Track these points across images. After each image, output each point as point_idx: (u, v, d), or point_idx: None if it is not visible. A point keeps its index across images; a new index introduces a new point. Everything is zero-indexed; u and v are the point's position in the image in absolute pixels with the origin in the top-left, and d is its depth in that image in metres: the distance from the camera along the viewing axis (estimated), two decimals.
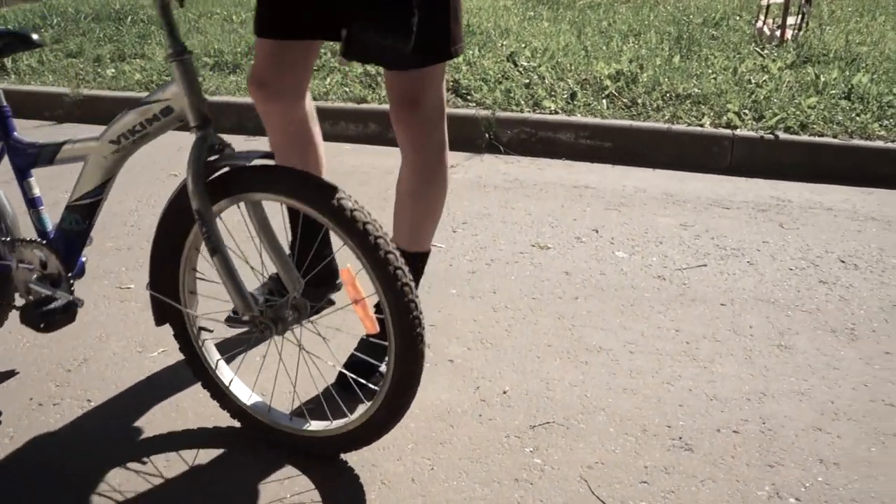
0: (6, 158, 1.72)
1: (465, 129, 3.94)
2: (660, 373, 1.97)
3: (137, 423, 1.80)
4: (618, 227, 2.92)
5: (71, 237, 1.67)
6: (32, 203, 1.71)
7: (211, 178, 1.47)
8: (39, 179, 1.75)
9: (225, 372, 1.73)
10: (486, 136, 3.90)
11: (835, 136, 3.68)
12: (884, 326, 2.21)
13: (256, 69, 1.81)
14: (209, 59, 4.99)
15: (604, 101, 4.11)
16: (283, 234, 1.77)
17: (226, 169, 1.48)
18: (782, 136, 3.69)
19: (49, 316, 1.65)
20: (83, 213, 1.64)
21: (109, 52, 5.42)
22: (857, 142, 3.64)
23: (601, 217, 3.01)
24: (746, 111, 3.92)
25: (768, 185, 3.45)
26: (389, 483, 1.61)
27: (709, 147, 3.72)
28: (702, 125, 3.82)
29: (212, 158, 1.46)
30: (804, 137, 3.69)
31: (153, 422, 1.81)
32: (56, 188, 2.92)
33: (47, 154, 1.65)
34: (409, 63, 1.69)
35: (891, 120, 3.82)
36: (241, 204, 1.52)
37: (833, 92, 4.14)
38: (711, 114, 3.93)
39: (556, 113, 3.99)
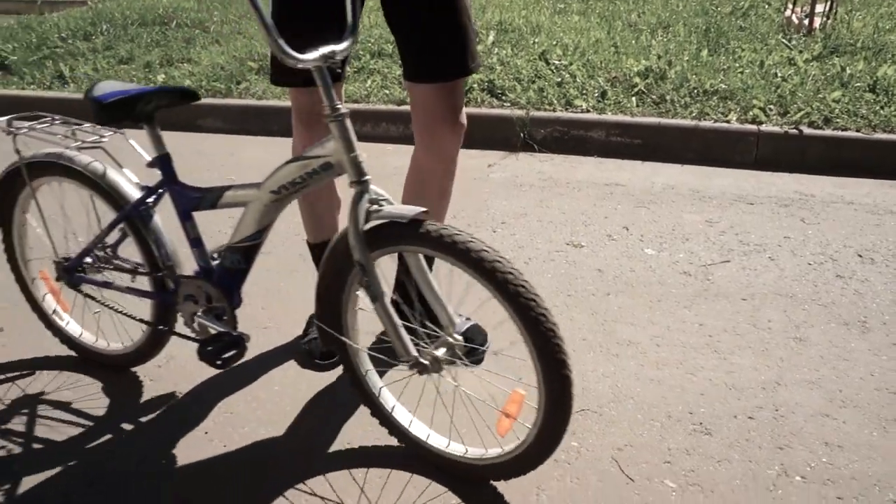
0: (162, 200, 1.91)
1: (501, 129, 4.14)
2: (683, 364, 2.17)
3: (219, 412, 2.05)
4: (647, 224, 3.11)
5: (232, 275, 1.82)
6: (194, 243, 1.85)
7: (368, 227, 1.56)
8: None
9: (388, 399, 1.87)
10: (521, 135, 4.10)
11: (858, 130, 3.82)
12: (894, 319, 2.38)
13: (300, 116, 2.02)
14: (254, 63, 5.22)
15: (633, 98, 4.28)
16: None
17: (382, 222, 1.57)
18: (806, 130, 3.84)
19: (226, 357, 1.83)
20: (243, 255, 1.79)
21: (158, 58, 5.68)
22: (879, 135, 3.77)
23: (631, 214, 3.20)
24: (772, 106, 4.07)
25: (792, 179, 3.61)
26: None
27: (735, 143, 3.89)
28: (728, 121, 3.98)
29: (371, 209, 1.55)
30: (828, 132, 3.83)
31: (235, 409, 2.06)
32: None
33: (210, 199, 1.78)
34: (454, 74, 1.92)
35: None
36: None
37: (858, 85, 4.27)
38: (738, 109, 4.09)
39: (588, 111, 4.17)
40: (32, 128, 1.95)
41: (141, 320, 2.08)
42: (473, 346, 2.18)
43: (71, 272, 2.08)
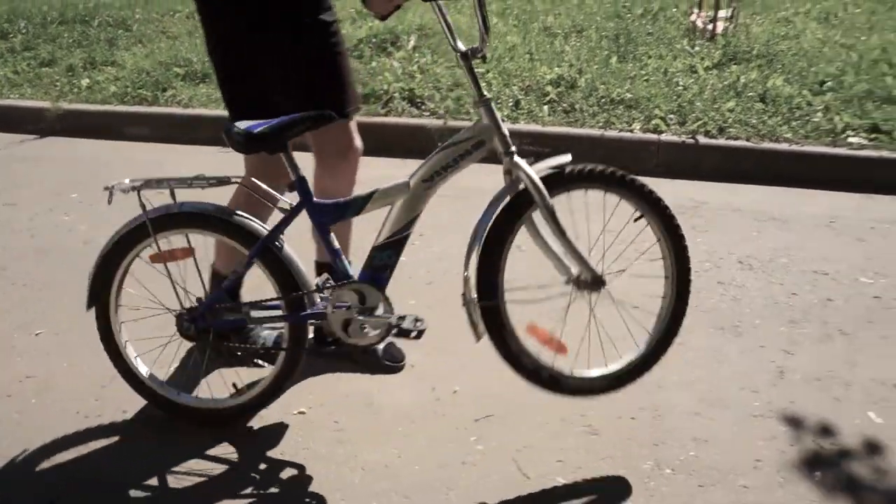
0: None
1: (420, 139, 4.35)
2: None
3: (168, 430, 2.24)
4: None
5: (381, 271, 2.03)
6: (336, 253, 2.03)
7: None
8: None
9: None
10: (438, 143, 4.32)
11: (748, 139, 4.17)
12: (763, 323, 2.71)
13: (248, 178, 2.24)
14: (179, 69, 5.31)
15: (545, 107, 4.55)
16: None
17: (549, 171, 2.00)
18: (702, 140, 4.18)
19: (418, 331, 2.08)
20: (395, 249, 2.02)
21: (81, 60, 5.71)
22: (767, 144, 4.13)
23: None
24: (672, 115, 4.39)
25: (690, 186, 3.93)
26: (368, 469, 2.07)
27: (637, 151, 4.20)
28: (632, 130, 4.29)
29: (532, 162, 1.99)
30: (721, 141, 4.18)
31: (181, 429, 2.25)
32: None
33: (355, 208, 1.98)
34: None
35: (798, 122, 4.32)
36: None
37: (750, 94, 4.63)
38: (641, 118, 4.40)
39: (503, 121, 4.42)
40: (149, 184, 2.01)
41: (278, 347, 2.20)
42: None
43: (200, 321, 2.10)
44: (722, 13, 6.19)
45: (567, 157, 2.02)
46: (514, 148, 1.98)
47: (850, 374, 2.43)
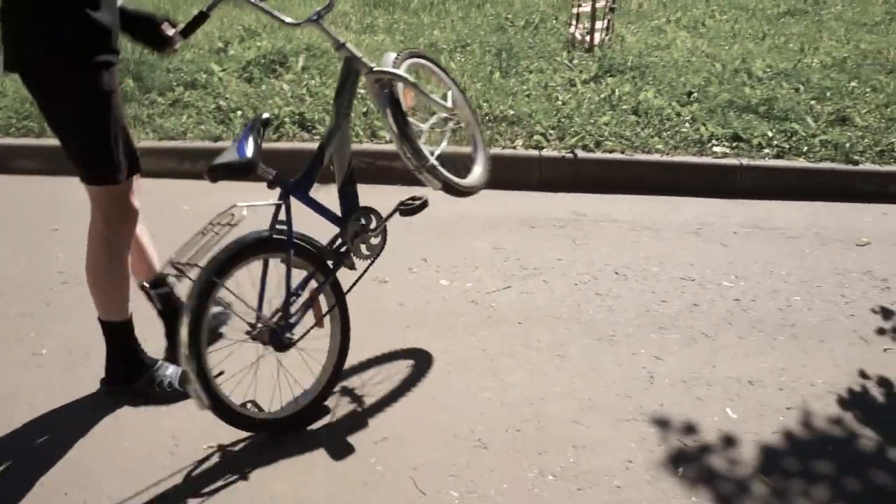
0: None
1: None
2: (468, 388, 2.63)
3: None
4: (443, 254, 3.56)
5: (352, 199, 2.66)
6: (323, 210, 2.55)
7: None
8: None
9: None
10: (330, 167, 4.44)
11: (623, 152, 4.46)
12: (636, 331, 2.96)
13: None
14: None
15: None
16: None
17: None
18: (581, 154, 4.44)
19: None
20: (351, 180, 2.66)
21: None
22: (640, 156, 4.43)
23: (430, 245, 3.65)
24: (552, 131, 4.64)
25: (570, 199, 4.18)
26: (277, 496, 2.20)
27: (521, 167, 4.43)
28: (514, 147, 4.52)
29: None
30: (598, 154, 4.46)
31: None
32: None
33: (317, 165, 2.57)
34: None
35: (668, 132, 4.64)
36: None
37: (625, 107, 4.93)
38: (524, 134, 4.64)
39: (390, 142, 4.58)
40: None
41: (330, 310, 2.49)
42: None
43: (282, 332, 2.35)
44: (599, 24, 6.51)
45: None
46: (373, 65, 2.49)
47: (711, 375, 2.70)
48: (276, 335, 2.34)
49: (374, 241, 2.64)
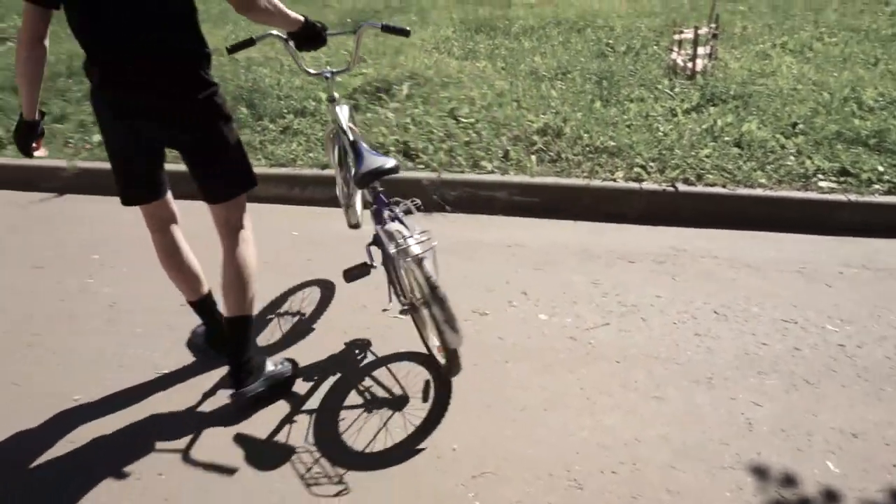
0: None
1: (415, 191, 4.61)
2: (565, 426, 2.70)
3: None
4: (542, 287, 3.63)
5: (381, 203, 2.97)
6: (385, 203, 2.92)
7: None
8: None
9: None
10: (434, 196, 4.59)
11: (724, 186, 4.43)
12: (735, 374, 2.96)
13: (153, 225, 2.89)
14: None
15: (533, 157, 4.81)
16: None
17: None
18: (681, 187, 4.43)
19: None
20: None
21: (90, 115, 5.95)
22: (742, 190, 4.39)
23: (529, 278, 3.72)
24: (653, 163, 4.65)
25: (669, 234, 4.19)
26: None
27: (620, 199, 4.45)
28: (615, 179, 4.54)
29: None
30: (699, 188, 4.44)
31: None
32: None
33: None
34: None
35: (772, 166, 4.58)
36: None
37: (727, 139, 4.89)
38: (624, 166, 4.66)
39: (493, 172, 4.69)
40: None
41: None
42: None
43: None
44: (701, 50, 6.47)
45: None
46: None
47: (812, 424, 2.68)
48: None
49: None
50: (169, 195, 2.88)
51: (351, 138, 3.00)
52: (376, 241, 2.95)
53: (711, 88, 5.76)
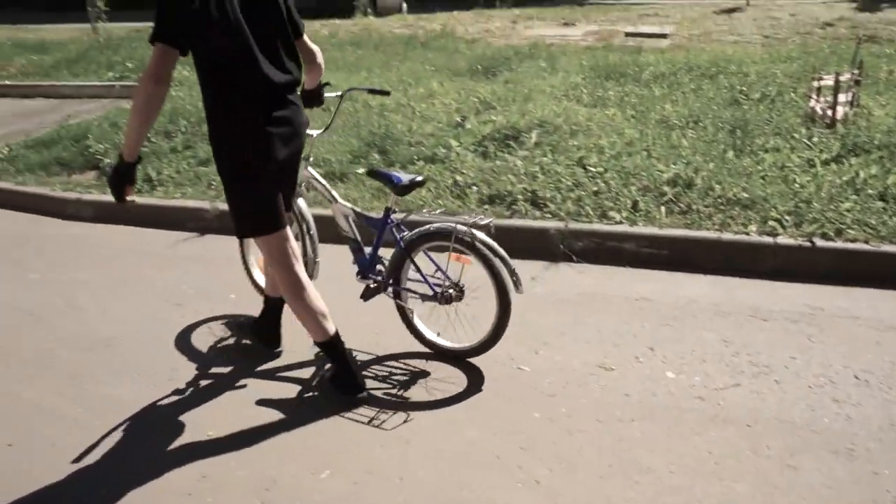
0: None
1: (542, 239, 4.64)
2: (692, 491, 2.63)
3: None
4: (670, 343, 3.57)
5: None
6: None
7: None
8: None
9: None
10: (561, 246, 4.60)
11: (867, 242, 4.23)
12: (878, 447, 2.81)
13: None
14: (320, 168, 5.81)
15: (662, 208, 4.76)
16: None
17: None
18: (819, 242, 4.27)
19: None
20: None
21: None
22: (887, 247, 4.19)
23: (656, 333, 3.67)
24: (788, 217, 4.50)
25: (805, 291, 4.03)
26: None
27: (753, 254, 4.33)
28: (748, 233, 4.43)
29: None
30: (839, 244, 4.26)
31: None
32: None
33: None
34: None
35: None
36: None
37: (870, 192, 4.69)
38: (757, 219, 4.54)
39: (621, 223, 4.66)
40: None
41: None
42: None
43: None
44: (842, 97, 6.23)
45: None
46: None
47: None
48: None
49: None
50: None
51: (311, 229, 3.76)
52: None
53: (853, 138, 5.54)
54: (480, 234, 3.23)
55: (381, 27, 13.06)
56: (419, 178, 3.44)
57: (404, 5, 16.40)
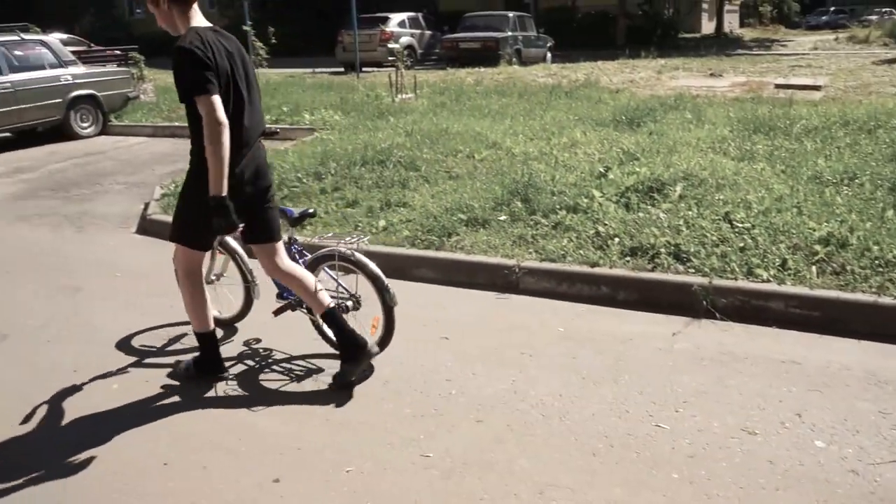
0: None
1: (685, 295, 4.55)
2: None
3: None
4: (819, 411, 3.41)
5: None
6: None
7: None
8: None
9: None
10: (704, 302, 4.50)
11: None
12: None
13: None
14: (462, 214, 5.94)
15: (813, 267, 4.57)
16: None
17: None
18: None
19: None
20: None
21: (378, 202, 6.55)
22: None
23: (804, 399, 3.52)
24: None
25: None
26: None
27: None
28: None
29: None
30: None
31: None
32: None
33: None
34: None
35: None
36: None
37: None
38: None
39: (768, 281, 4.51)
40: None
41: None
42: None
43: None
44: None
45: None
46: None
47: None
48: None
49: None
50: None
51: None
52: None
53: None
54: (359, 255, 3.92)
55: (525, 76, 13.27)
56: (310, 210, 4.31)
57: (549, 55, 16.60)
